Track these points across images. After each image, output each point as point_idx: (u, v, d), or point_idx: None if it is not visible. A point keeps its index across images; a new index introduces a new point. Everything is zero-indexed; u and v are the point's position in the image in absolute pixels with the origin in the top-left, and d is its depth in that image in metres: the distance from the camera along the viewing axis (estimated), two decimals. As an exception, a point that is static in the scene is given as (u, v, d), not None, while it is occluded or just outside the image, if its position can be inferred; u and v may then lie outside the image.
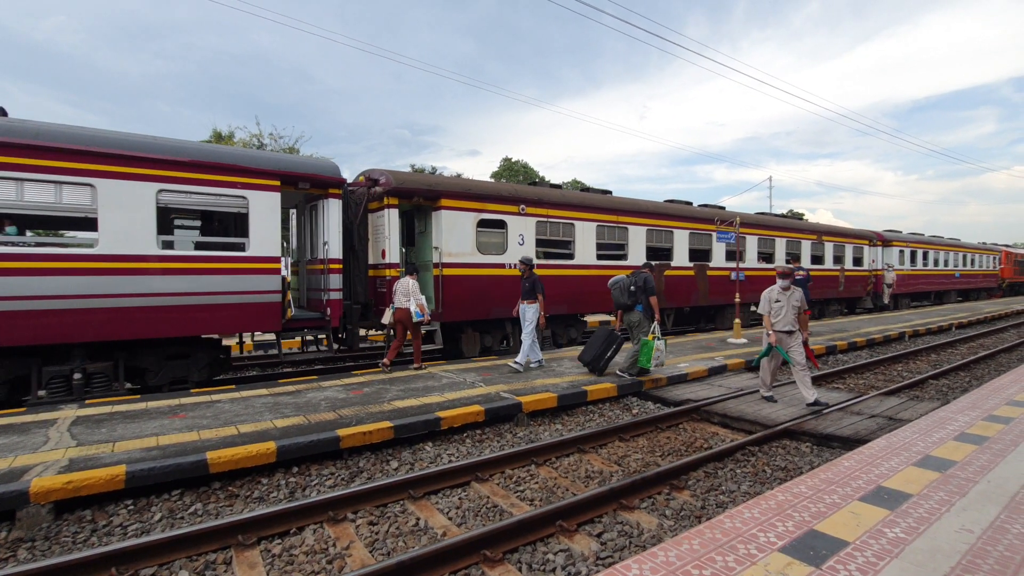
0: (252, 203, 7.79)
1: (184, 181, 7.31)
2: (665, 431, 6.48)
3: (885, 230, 23.67)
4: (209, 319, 7.48)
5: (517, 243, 10.79)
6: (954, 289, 28.79)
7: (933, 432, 5.17)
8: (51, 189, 6.53)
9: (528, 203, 11.04)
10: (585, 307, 12.17)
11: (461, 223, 10.08)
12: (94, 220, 6.83)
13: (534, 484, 4.90)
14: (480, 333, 10.76)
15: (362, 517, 4.20)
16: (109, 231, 6.83)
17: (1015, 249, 38.87)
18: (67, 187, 6.61)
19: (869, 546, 3.00)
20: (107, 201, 6.80)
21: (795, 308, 6.86)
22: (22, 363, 6.74)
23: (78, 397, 6.87)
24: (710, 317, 16.10)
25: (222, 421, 5.79)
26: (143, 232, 7.03)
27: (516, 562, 3.59)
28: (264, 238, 7.88)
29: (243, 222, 7.85)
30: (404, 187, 9.60)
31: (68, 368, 6.88)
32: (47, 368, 6.82)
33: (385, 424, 5.69)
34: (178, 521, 4.18)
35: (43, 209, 6.65)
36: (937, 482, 3.93)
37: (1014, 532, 3.17)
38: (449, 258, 9.91)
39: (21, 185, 6.35)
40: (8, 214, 6.79)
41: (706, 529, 3.22)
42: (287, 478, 4.96)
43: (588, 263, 11.99)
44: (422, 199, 9.93)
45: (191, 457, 4.66)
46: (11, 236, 6.75)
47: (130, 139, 7.09)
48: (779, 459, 5.57)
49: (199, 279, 7.39)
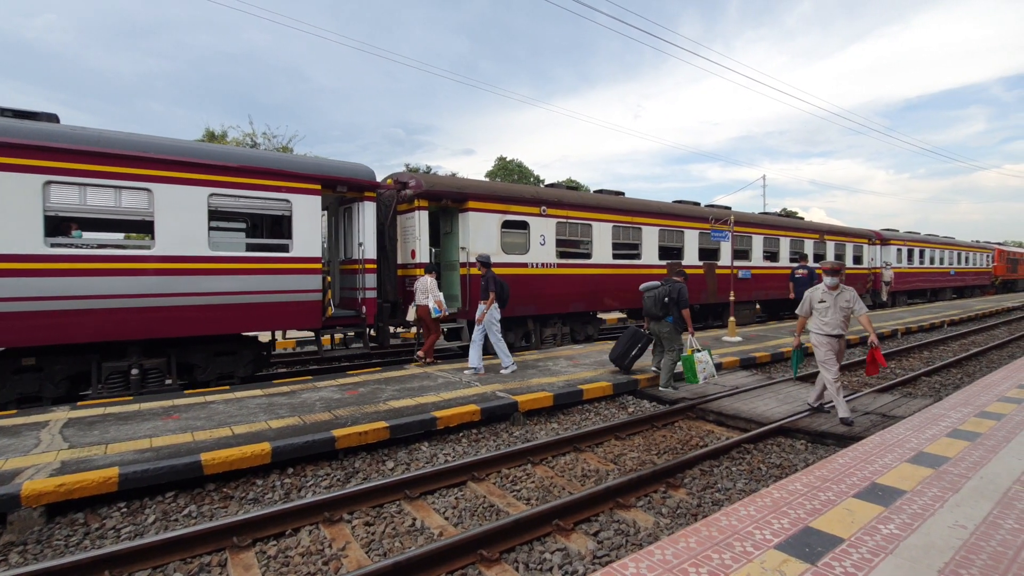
0: (295, 206, 8.11)
1: (233, 185, 7.62)
2: (661, 429, 6.50)
3: (883, 229, 24.01)
4: (255, 317, 7.80)
5: (539, 243, 11.17)
6: (949, 287, 29.25)
7: (926, 429, 5.21)
8: (111, 193, 6.81)
9: (549, 204, 11.38)
10: (602, 305, 12.53)
11: (487, 224, 10.44)
12: (151, 223, 7.11)
13: (530, 483, 4.90)
14: (503, 330, 11.01)
15: (358, 518, 4.18)
16: (165, 234, 7.14)
17: (1007, 247, 39.73)
18: (126, 191, 6.90)
19: (864, 543, 3.02)
20: (163, 205, 7.10)
21: (843, 310, 6.12)
22: (83, 359, 7.05)
23: (135, 392, 7.26)
24: (718, 314, 16.45)
25: (216, 422, 5.76)
26: (196, 234, 7.34)
27: (513, 562, 3.58)
28: (306, 239, 8.20)
29: (287, 224, 8.19)
30: (434, 190, 9.92)
31: (126, 364, 7.23)
32: (106, 364, 7.12)
33: (381, 424, 5.67)
34: (172, 523, 4.15)
35: (105, 213, 6.88)
36: (931, 478, 3.95)
37: (1007, 528, 3.19)
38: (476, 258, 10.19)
39: (84, 190, 6.63)
40: (74, 218, 7.05)
41: (702, 527, 3.22)
42: (282, 479, 4.93)
43: (605, 262, 12.38)
44: (450, 201, 10.24)
45: (185, 459, 4.63)
46: (76, 239, 7.01)
47: (183, 145, 7.47)
48: (774, 456, 5.59)
49: (247, 279, 7.71)
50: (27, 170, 6.27)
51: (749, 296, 16.43)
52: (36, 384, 6.85)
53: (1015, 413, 5.78)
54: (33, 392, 6.85)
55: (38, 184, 6.32)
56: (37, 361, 6.79)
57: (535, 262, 11.00)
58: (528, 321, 11.35)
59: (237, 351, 8.21)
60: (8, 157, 6.19)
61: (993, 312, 20.83)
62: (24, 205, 6.27)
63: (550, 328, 11.85)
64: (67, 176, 6.48)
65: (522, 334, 11.43)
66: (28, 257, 6.33)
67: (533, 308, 10.90)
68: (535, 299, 10.86)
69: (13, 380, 6.72)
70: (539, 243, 11.18)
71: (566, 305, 11.71)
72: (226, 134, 25.91)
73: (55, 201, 6.48)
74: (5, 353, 6.61)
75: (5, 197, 6.18)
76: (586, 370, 8.64)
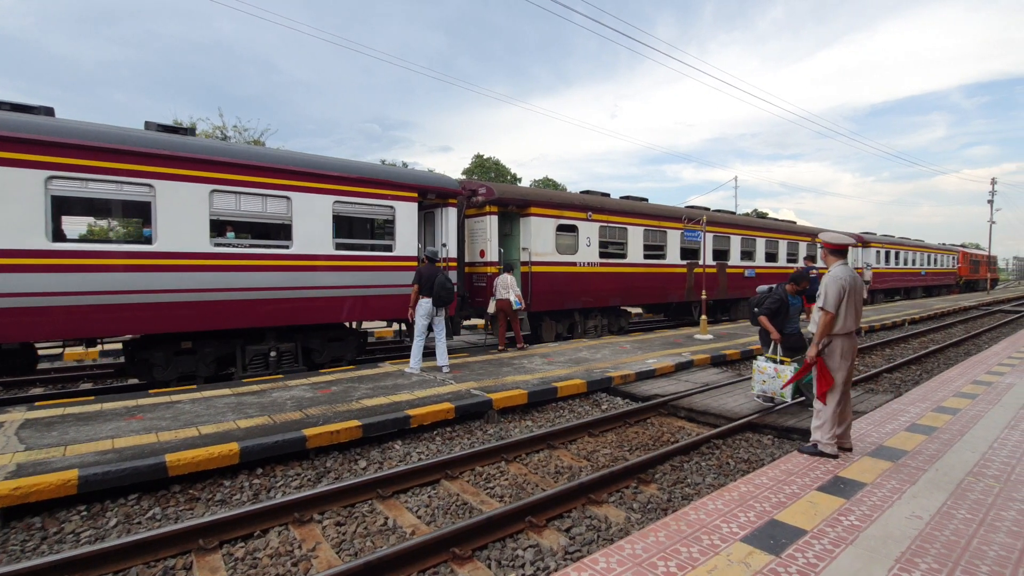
0: (397, 212, 9.38)
1: (352, 194, 8.87)
2: (633, 426, 6.58)
3: (863, 232, 26.00)
4: (365, 308, 9.07)
5: (585, 244, 12.51)
6: (920, 286, 31.30)
7: (886, 423, 5.40)
8: (259, 201, 7.98)
9: (593, 210, 12.73)
10: (635, 300, 14.08)
11: (545, 228, 11.74)
12: (289, 227, 8.27)
13: (504, 481, 4.91)
14: (555, 322, 12.47)
15: (329, 518, 4.13)
16: (301, 235, 8.30)
17: (969, 250, 42.55)
18: (271, 199, 8.08)
19: (826, 534, 3.11)
20: (299, 210, 8.28)
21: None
22: (229, 343, 8.15)
23: (272, 372, 8.40)
24: (725, 309, 18.22)
25: (182, 422, 5.61)
26: (324, 236, 8.54)
27: (485, 559, 3.59)
28: (406, 241, 9.47)
29: (391, 227, 9.50)
30: (503, 197, 11.18)
31: (266, 347, 8.40)
32: (249, 347, 8.26)
33: (353, 423, 5.61)
34: (135, 526, 4.03)
35: (254, 217, 8.04)
36: (889, 471, 4.10)
37: (959, 517, 3.33)
38: (536, 257, 11.53)
39: (239, 198, 7.79)
40: (228, 222, 8.16)
41: (672, 521, 3.28)
42: (251, 480, 4.84)
43: (637, 262, 13.85)
44: (515, 207, 11.49)
45: (149, 460, 4.50)
46: (231, 239, 8.15)
47: (315, 159, 8.68)
48: (742, 451, 5.72)
49: (361, 274, 8.98)
50: (197, 180, 7.40)
51: (743, 294, 18.04)
52: (193, 364, 7.87)
53: (969, 408, 6.04)
54: (191, 371, 7.88)
55: (205, 192, 7.46)
56: (193, 345, 7.86)
57: (583, 261, 12.39)
58: (575, 313, 12.77)
59: (345, 338, 9.42)
60: (175, 168, 7.25)
61: (951, 311, 21.67)
62: (194, 210, 7.37)
63: (592, 320, 13.27)
64: (226, 186, 7.65)
65: (568, 325, 12.78)
66: (197, 255, 7.43)
67: (580, 302, 12.40)
68: (583, 294, 12.41)
69: (175, 361, 7.73)
70: (585, 244, 12.49)
71: (607, 300, 13.10)
72: (195, 126, 25.21)
73: (217, 207, 7.62)
74: (168, 337, 7.64)
75: (179, 204, 7.27)
76: (561, 368, 8.69)
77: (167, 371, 7.66)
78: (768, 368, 6.57)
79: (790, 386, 6.31)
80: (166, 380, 7.64)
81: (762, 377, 6.63)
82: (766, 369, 6.58)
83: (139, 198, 7.07)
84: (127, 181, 6.91)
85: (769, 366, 6.56)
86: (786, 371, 6.37)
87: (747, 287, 17.45)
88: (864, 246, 24.52)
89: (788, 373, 6.33)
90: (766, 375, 6.59)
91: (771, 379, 6.53)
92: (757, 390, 6.74)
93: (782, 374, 6.41)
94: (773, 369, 6.51)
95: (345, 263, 8.79)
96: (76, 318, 6.57)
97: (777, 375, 6.46)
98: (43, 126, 6.39)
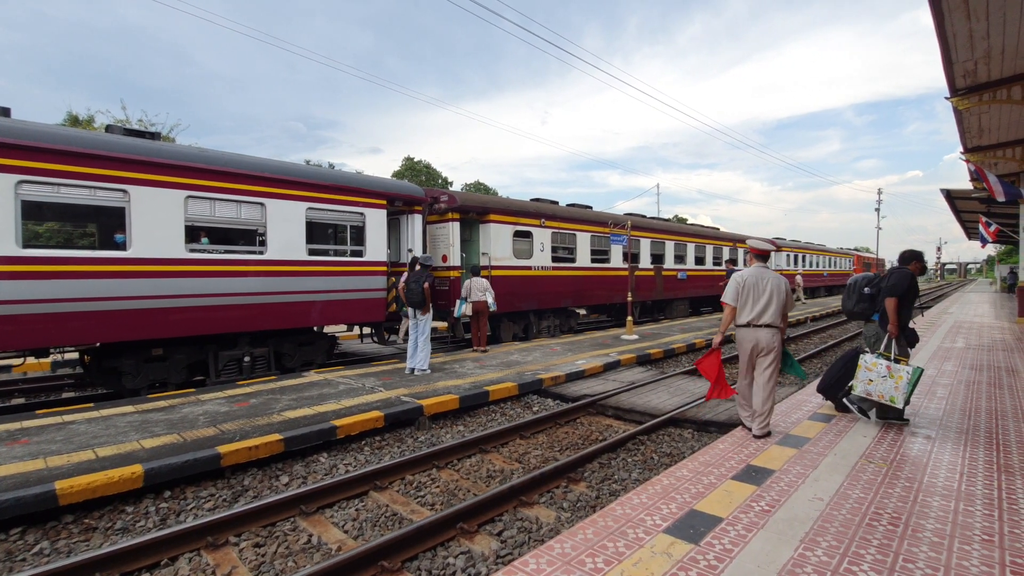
0: (368, 218, 9.66)
1: (323, 200, 9.05)
2: (564, 426, 6.70)
3: (775, 237, 28.88)
4: (336, 312, 9.22)
5: (539, 249, 13.27)
6: (823, 286, 34.86)
7: (792, 413, 5.83)
8: (234, 207, 8.02)
9: (546, 217, 13.55)
10: (584, 301, 15.04)
11: (503, 233, 12.34)
12: (263, 233, 8.37)
13: (435, 488, 4.83)
14: (512, 323, 13.06)
15: (246, 540, 3.88)
16: (275, 241, 8.40)
17: (862, 253, 49.64)
18: (245, 205, 8.12)
19: (740, 520, 3.30)
20: (273, 216, 8.38)
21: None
22: (202, 349, 8.08)
23: (247, 377, 8.40)
24: (661, 308, 19.50)
25: (76, 445, 5.08)
26: (298, 242, 8.67)
27: (416, 570, 3.51)
28: (376, 246, 9.78)
29: (361, 233, 9.69)
30: (465, 204, 11.69)
31: (240, 352, 8.38)
32: (223, 353, 8.23)
33: (274, 437, 5.32)
34: (17, 564, 3.60)
35: (228, 223, 8.09)
36: (795, 457, 4.43)
37: (854, 497, 3.65)
38: (496, 262, 12.06)
39: (214, 204, 7.79)
40: (202, 228, 8.13)
41: (599, 518, 3.36)
42: (158, 504, 4.46)
43: (585, 265, 14.77)
44: (475, 214, 11.98)
45: (35, 489, 4.03)
46: (206, 245, 8.13)
47: (290, 167, 8.90)
48: (665, 446, 5.97)
49: (334, 279, 9.15)
50: (172, 186, 7.36)
51: (685, 294, 19.58)
52: (164, 371, 7.76)
53: (861, 396, 6.63)
54: (162, 379, 7.75)
55: (181, 198, 7.43)
56: (164, 351, 7.75)
57: (537, 265, 13.15)
58: (530, 315, 13.44)
59: (315, 341, 9.57)
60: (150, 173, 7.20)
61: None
62: (169, 216, 7.35)
63: (546, 321, 13.96)
64: (202, 192, 7.64)
65: (523, 326, 13.39)
66: (173, 260, 7.39)
67: (535, 304, 13.17)
68: (538, 296, 13.15)
69: (146, 368, 7.58)
70: (539, 249, 13.25)
71: (559, 301, 13.94)
72: (93, 119, 23.03)
73: (192, 212, 7.60)
74: (139, 344, 7.45)
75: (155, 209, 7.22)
76: (492, 371, 8.70)
77: (137, 379, 7.51)
78: (879, 365, 5.12)
79: (904, 390, 5.00)
80: (136, 388, 7.50)
81: (868, 376, 5.18)
82: (876, 366, 5.14)
83: (113, 203, 6.98)
84: (101, 187, 6.81)
85: (881, 362, 5.12)
86: (902, 371, 5.01)
87: (680, 288, 19.06)
88: (777, 250, 26.99)
89: (905, 375, 4.99)
90: (874, 373, 5.16)
91: (881, 379, 5.12)
92: (860, 390, 5.24)
93: (896, 374, 5.04)
94: (885, 367, 5.09)
95: (318, 268, 8.95)
96: (49, 326, 6.42)
97: (890, 375, 5.07)
98: (13, 129, 6.18)
